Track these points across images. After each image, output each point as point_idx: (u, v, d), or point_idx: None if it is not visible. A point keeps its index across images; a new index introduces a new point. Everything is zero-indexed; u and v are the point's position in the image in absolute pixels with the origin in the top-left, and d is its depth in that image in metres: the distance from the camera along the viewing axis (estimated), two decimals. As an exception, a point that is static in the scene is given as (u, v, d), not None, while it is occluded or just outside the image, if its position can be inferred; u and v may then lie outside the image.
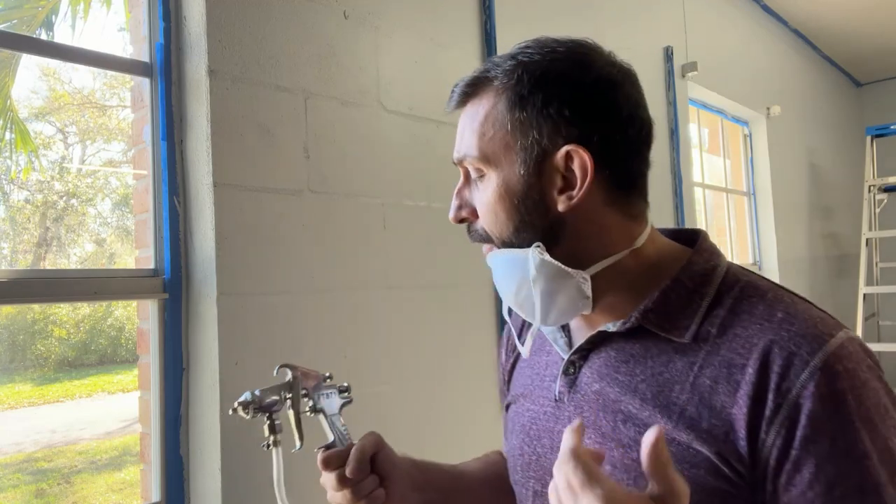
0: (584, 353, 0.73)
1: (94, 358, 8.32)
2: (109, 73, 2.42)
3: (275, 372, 0.83)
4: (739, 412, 0.61)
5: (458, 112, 0.75)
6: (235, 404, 0.80)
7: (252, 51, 1.39)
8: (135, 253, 1.43)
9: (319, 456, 0.79)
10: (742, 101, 3.64)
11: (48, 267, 5.94)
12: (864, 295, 4.03)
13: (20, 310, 7.33)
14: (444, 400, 1.72)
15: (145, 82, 1.36)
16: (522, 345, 0.77)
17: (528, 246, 0.69)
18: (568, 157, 0.67)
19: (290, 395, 0.82)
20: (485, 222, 0.72)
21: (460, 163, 0.73)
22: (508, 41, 2.04)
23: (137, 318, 1.39)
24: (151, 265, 1.34)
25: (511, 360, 0.90)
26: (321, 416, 0.83)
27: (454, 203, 0.75)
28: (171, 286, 1.32)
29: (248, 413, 0.80)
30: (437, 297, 1.75)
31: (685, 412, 0.63)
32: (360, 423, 0.92)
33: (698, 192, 3.39)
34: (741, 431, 0.60)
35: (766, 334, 0.62)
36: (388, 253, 1.63)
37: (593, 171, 0.66)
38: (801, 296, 0.68)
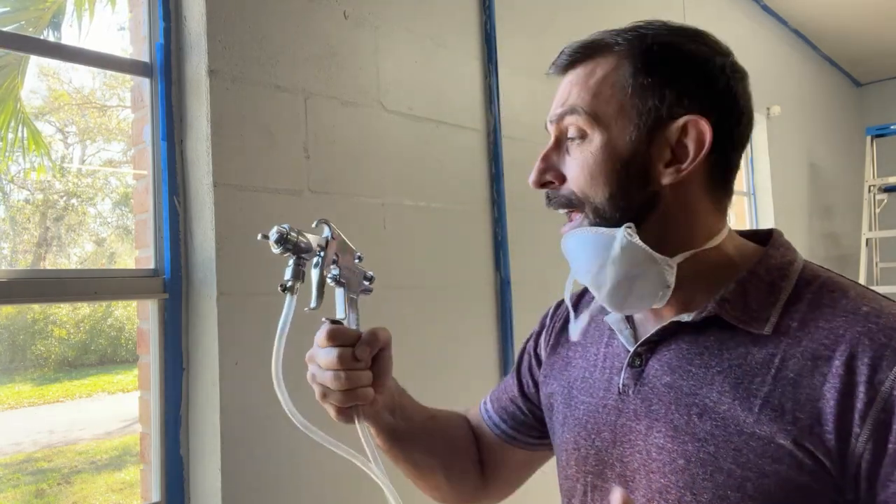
0: (651, 344, 0.71)
1: (94, 358, 8.32)
2: (109, 73, 2.42)
3: (313, 224, 0.76)
4: (827, 405, 0.59)
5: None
6: (272, 233, 0.71)
7: (252, 51, 1.39)
8: (135, 253, 1.43)
9: (326, 328, 0.73)
10: (742, 101, 3.64)
11: (48, 267, 5.94)
12: (864, 295, 4.03)
13: (20, 310, 7.33)
14: (444, 400, 1.72)
15: (145, 82, 1.36)
16: (575, 327, 0.77)
17: (618, 219, 0.67)
18: (684, 129, 0.67)
19: (323, 254, 0.74)
20: (577, 185, 0.69)
21: (559, 120, 0.71)
22: (508, 41, 2.04)
23: (137, 318, 1.39)
24: (151, 265, 1.34)
25: (550, 344, 0.88)
26: (340, 290, 0.76)
27: (539, 166, 0.71)
28: (171, 286, 1.32)
29: (279, 247, 0.71)
30: (437, 297, 1.75)
31: (767, 404, 0.61)
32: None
33: (698, 192, 3.39)
34: (829, 424, 0.58)
35: (853, 326, 0.61)
36: (388, 253, 1.63)
37: (710, 147, 0.67)
38: (883, 294, 0.67)
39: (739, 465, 0.61)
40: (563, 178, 0.71)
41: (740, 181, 4.03)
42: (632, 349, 0.73)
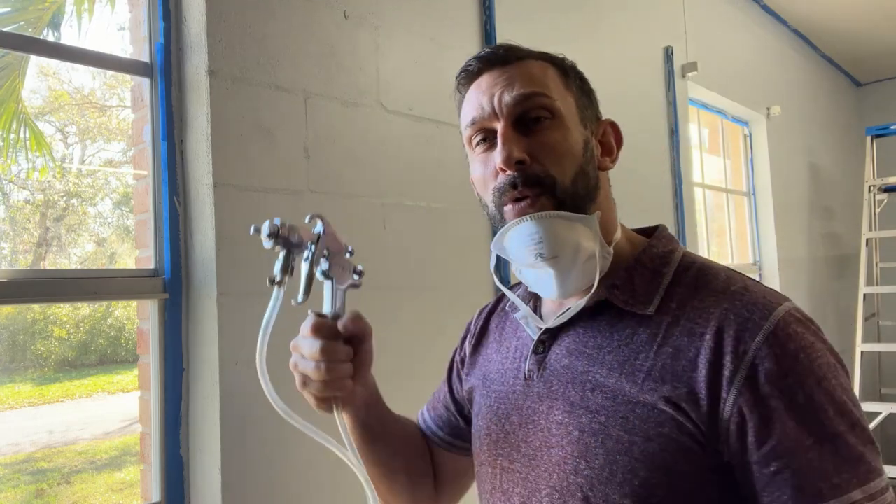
0: (553, 332, 0.78)
1: (94, 358, 8.31)
2: (109, 72, 2.42)
3: (306, 219, 0.76)
4: (699, 375, 0.65)
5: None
6: (264, 226, 0.71)
7: (252, 51, 1.39)
8: (135, 253, 1.43)
9: (311, 320, 0.74)
10: (742, 101, 3.64)
11: (48, 267, 5.93)
12: (864, 295, 4.03)
13: (20, 310, 7.31)
14: (444, 400, 1.72)
15: (145, 82, 1.36)
16: (527, 316, 0.82)
17: (582, 198, 0.74)
18: (606, 129, 0.81)
19: (314, 249, 0.75)
20: (549, 163, 0.73)
21: (524, 100, 0.74)
22: (508, 41, 2.04)
23: (137, 318, 1.39)
24: (151, 265, 1.34)
25: (472, 345, 0.93)
26: (328, 284, 0.76)
27: (505, 147, 0.73)
28: (171, 286, 1.32)
29: (270, 241, 0.71)
30: (436, 297, 1.75)
31: (650, 376, 0.68)
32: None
33: (698, 192, 3.39)
34: (702, 392, 0.65)
35: (721, 304, 0.68)
36: (388, 253, 1.63)
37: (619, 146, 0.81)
38: (750, 277, 0.74)
39: (626, 431, 0.67)
40: (530, 158, 0.74)
41: (740, 181, 4.03)
42: (535, 337, 0.79)
